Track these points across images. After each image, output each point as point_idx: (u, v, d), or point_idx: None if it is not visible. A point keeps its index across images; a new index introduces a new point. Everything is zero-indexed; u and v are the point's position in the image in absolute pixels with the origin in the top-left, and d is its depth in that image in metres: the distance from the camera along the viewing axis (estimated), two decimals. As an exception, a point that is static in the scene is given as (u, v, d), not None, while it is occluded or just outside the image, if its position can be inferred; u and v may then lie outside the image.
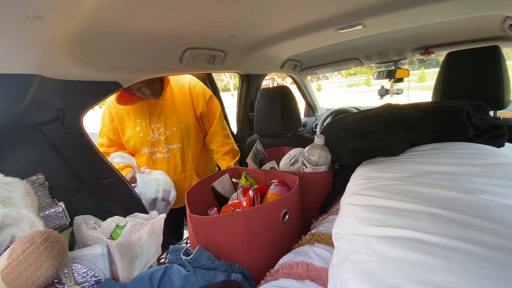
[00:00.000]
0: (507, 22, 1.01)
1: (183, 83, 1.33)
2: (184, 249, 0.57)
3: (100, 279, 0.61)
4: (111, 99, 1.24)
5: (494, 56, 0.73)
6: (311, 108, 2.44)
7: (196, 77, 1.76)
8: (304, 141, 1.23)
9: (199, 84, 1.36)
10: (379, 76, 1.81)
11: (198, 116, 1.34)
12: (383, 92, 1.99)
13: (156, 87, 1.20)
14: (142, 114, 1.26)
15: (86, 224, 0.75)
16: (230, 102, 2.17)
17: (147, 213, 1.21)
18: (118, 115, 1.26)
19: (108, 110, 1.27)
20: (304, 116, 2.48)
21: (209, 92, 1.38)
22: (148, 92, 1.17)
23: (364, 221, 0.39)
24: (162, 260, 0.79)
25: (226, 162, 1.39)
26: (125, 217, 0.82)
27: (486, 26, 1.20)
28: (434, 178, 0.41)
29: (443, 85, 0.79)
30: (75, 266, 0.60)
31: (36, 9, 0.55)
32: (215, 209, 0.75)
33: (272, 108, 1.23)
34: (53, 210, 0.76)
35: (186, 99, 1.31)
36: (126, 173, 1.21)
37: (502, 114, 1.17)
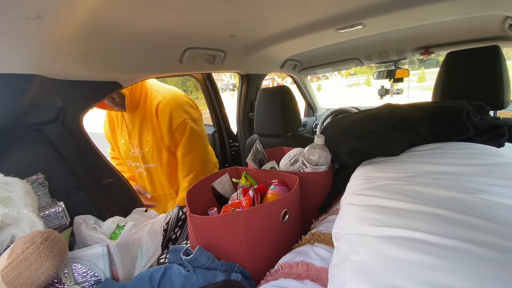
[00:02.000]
0: (507, 22, 1.01)
1: (154, 101, 1.17)
2: (184, 249, 0.57)
3: (100, 279, 0.61)
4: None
5: (494, 56, 0.73)
6: (311, 108, 2.44)
7: (196, 77, 1.76)
8: (304, 141, 1.23)
9: (169, 107, 1.15)
10: (379, 76, 1.81)
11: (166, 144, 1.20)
12: (383, 92, 1.99)
13: (116, 99, 1.11)
14: (122, 127, 1.24)
15: (86, 224, 0.75)
16: (230, 102, 2.17)
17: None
18: (111, 122, 1.27)
19: (107, 118, 1.28)
20: (304, 116, 2.49)
21: (179, 118, 1.16)
22: (107, 101, 1.10)
23: (364, 221, 0.39)
24: (162, 260, 0.79)
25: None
26: (125, 217, 0.82)
27: (486, 26, 1.20)
28: (434, 178, 0.41)
29: (443, 85, 0.79)
30: (75, 266, 0.60)
31: (36, 9, 0.55)
32: (215, 209, 0.75)
33: (272, 108, 1.23)
34: (53, 210, 0.76)
35: (154, 121, 1.17)
36: None
37: (502, 114, 1.16)
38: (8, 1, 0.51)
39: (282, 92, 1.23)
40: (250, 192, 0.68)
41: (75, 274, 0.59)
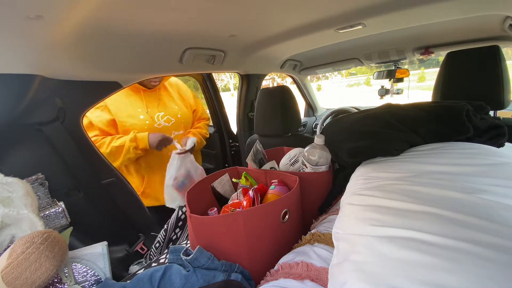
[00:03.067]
0: (507, 22, 1.01)
1: (171, 80, 1.48)
2: (184, 249, 0.57)
3: (100, 278, 0.61)
4: None
5: (494, 56, 0.73)
6: (311, 108, 2.44)
7: (196, 77, 1.76)
8: (304, 141, 1.23)
9: (183, 84, 1.56)
10: (379, 76, 1.81)
11: (191, 109, 1.52)
12: (383, 92, 1.99)
13: (160, 78, 1.32)
14: (140, 104, 1.29)
15: None
16: (230, 102, 2.17)
17: (146, 213, 1.21)
18: (114, 105, 1.23)
19: (109, 104, 1.24)
20: (304, 116, 2.49)
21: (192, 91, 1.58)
22: (157, 79, 1.30)
23: (364, 221, 0.39)
24: (162, 260, 0.79)
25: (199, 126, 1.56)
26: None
27: (486, 26, 1.20)
28: (434, 178, 0.41)
29: (443, 85, 0.79)
30: (75, 265, 0.60)
31: (36, 9, 0.55)
32: (215, 209, 0.75)
33: (272, 108, 1.23)
34: (53, 210, 0.76)
35: (181, 94, 1.47)
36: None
37: (502, 114, 1.17)
38: (8, 1, 0.51)
39: (282, 92, 1.23)
40: (250, 192, 0.68)
41: (75, 274, 0.59)
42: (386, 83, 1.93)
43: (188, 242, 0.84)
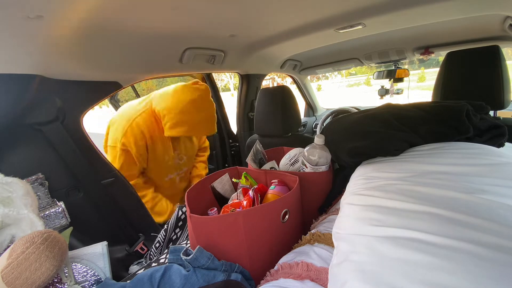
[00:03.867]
0: (507, 22, 1.01)
1: None
2: (184, 249, 0.57)
3: (100, 278, 0.61)
4: (144, 123, 1.20)
5: (494, 56, 0.73)
6: (311, 108, 2.44)
7: (196, 77, 1.76)
8: (304, 141, 1.23)
9: None
10: (379, 76, 1.81)
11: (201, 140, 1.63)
12: (383, 92, 1.99)
13: None
14: (167, 142, 1.33)
15: None
16: (230, 102, 2.17)
17: (146, 213, 1.21)
18: (151, 141, 1.24)
19: (140, 135, 1.19)
20: (304, 116, 2.48)
21: None
22: None
23: (364, 221, 0.39)
24: (162, 260, 0.79)
25: (201, 167, 1.64)
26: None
27: (486, 26, 1.20)
28: (434, 178, 0.41)
29: (443, 85, 0.79)
30: (75, 265, 0.60)
31: (36, 9, 0.55)
32: (215, 209, 0.75)
33: (272, 108, 1.23)
34: (53, 210, 0.76)
35: None
36: None
37: (502, 114, 1.17)
38: (8, 1, 0.51)
39: (282, 92, 1.23)
40: (250, 192, 0.68)
41: (75, 274, 0.59)
42: (386, 83, 1.93)
43: (188, 242, 0.84)
